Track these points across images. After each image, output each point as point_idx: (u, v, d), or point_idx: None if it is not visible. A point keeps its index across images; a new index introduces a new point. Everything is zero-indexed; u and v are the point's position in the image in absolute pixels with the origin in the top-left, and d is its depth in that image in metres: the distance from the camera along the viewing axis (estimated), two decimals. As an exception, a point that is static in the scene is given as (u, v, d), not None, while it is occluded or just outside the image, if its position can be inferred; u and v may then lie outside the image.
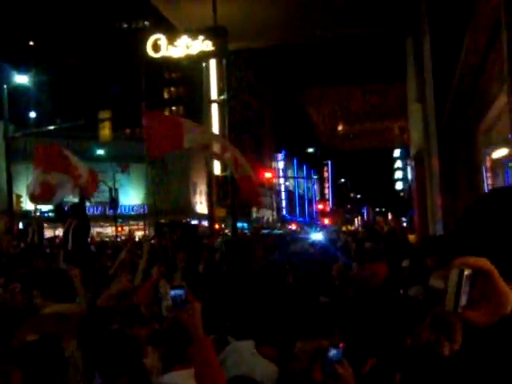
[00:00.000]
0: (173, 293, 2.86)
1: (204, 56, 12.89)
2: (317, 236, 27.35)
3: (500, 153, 6.83)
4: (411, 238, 15.28)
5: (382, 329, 4.53)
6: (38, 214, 40.60)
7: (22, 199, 41.36)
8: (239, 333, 4.62)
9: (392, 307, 4.99)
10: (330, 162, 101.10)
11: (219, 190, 49.49)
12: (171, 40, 11.67)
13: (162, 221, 43.37)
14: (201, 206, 59.68)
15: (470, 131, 8.50)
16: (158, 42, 11.81)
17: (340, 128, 24.42)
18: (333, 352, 2.77)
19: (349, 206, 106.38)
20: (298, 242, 16.15)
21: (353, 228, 60.71)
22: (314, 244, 15.12)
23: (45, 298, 4.75)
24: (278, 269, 7.25)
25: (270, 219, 71.45)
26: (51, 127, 36.01)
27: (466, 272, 1.31)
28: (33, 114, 50.69)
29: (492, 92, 6.74)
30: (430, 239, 7.56)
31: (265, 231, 37.36)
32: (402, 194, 66.64)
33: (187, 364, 3.30)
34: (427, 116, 10.99)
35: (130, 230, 45.08)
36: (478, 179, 8.50)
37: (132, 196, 56.06)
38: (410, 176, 50.24)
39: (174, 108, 74.51)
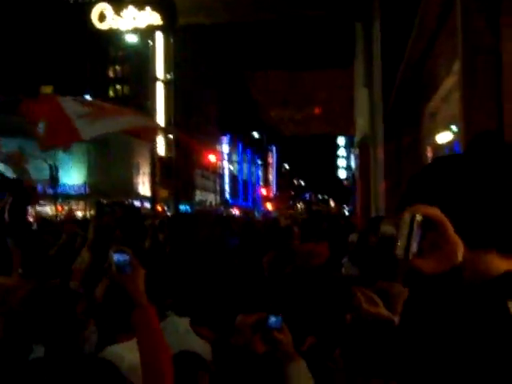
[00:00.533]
0: (116, 258, 2.75)
1: (152, 29, 12.62)
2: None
3: (444, 138, 6.87)
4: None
5: (321, 307, 4.52)
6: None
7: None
8: (179, 310, 4.52)
9: (332, 286, 4.99)
10: (274, 148, 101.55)
11: (163, 171, 49.09)
12: (117, 10, 11.37)
13: (104, 201, 42.68)
14: (143, 187, 59.08)
15: (416, 116, 8.54)
16: (104, 12, 11.49)
17: (285, 112, 24.38)
18: (272, 320, 2.74)
19: (292, 193, 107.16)
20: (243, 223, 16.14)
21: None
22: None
23: None
24: (221, 249, 7.16)
25: (213, 203, 71.30)
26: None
27: (418, 218, 1.31)
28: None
29: (439, 75, 6.75)
30: (376, 218, 7.58)
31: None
32: (345, 182, 67.45)
33: (131, 335, 3.20)
34: (374, 101, 11.00)
35: (70, 209, 44.19)
36: (421, 165, 8.57)
37: (73, 175, 55.04)
38: (353, 164, 50.88)
39: (118, 87, 73.36)
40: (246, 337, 3.29)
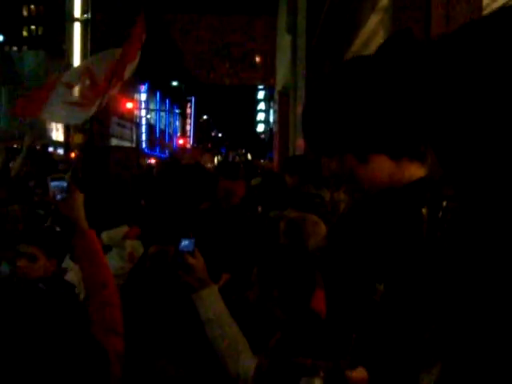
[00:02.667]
0: (52, 184, 2.77)
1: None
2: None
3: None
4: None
5: (236, 244, 4.51)
6: None
7: None
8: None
9: (247, 224, 4.99)
10: (193, 99, 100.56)
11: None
12: None
13: (15, 146, 41.33)
14: (57, 132, 57.41)
15: (339, 58, 8.51)
16: None
17: (206, 60, 24.07)
18: (184, 243, 2.68)
19: (209, 145, 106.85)
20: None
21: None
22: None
23: None
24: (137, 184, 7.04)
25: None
26: None
27: None
28: None
29: (362, 16, 6.70)
30: (292, 158, 7.58)
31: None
32: (262, 136, 67.90)
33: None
34: (297, 47, 10.91)
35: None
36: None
37: (-19, 117, 52.87)
38: (272, 119, 51.11)
39: (33, 27, 70.46)
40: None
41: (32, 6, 71.59)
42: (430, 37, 3.54)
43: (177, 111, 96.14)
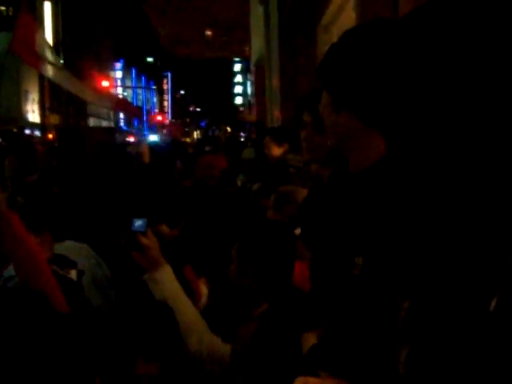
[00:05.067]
0: None
1: None
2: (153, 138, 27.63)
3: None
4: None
5: (218, 219, 4.51)
6: None
7: None
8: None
9: (228, 199, 5.00)
10: (169, 74, 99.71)
11: (52, 97, 47.17)
12: None
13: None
14: (33, 114, 56.75)
15: (312, 30, 8.45)
16: None
17: (181, 34, 23.80)
18: (137, 223, 2.63)
19: (188, 120, 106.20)
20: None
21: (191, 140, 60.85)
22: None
23: None
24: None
25: (107, 130, 69.49)
26: None
27: None
28: None
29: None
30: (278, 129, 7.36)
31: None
32: (241, 108, 67.52)
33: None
34: (269, 18, 10.82)
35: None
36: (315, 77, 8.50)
37: (-44, 102, 52.06)
38: (249, 91, 50.85)
39: (3, 8, 69.11)
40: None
41: (0, -13, 70.26)
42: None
43: (153, 87, 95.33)
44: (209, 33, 23.72)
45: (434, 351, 1.15)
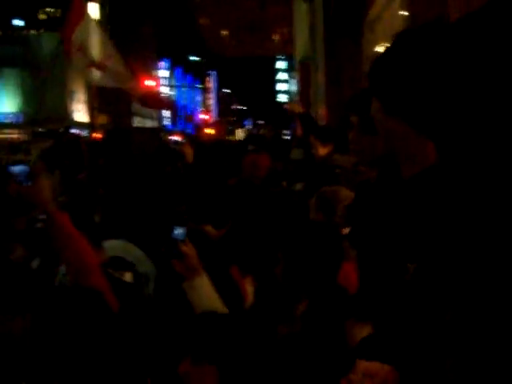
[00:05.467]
0: (15, 170, 2.69)
1: None
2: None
3: (384, 48, 6.76)
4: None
5: (262, 220, 4.51)
6: None
7: None
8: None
9: (273, 200, 4.99)
10: (214, 72, 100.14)
11: (100, 97, 47.81)
12: None
13: (40, 130, 41.65)
14: (79, 114, 57.62)
15: (357, 27, 8.39)
16: None
17: (226, 33, 23.90)
18: (177, 231, 2.68)
19: (232, 118, 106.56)
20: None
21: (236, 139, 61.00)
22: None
23: None
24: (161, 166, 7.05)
25: (153, 129, 70.21)
26: None
27: None
28: None
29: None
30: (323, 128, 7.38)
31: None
32: (284, 106, 67.45)
33: None
34: (314, 16, 10.78)
35: None
36: (361, 75, 8.44)
37: (5, 103, 53.17)
38: (293, 88, 50.76)
39: (50, 10, 70.41)
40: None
41: (47, -12, 71.51)
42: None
43: (198, 86, 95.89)
44: (252, 31, 23.75)
45: (479, 363, 1.14)
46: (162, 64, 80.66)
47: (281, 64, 74.33)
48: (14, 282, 2.49)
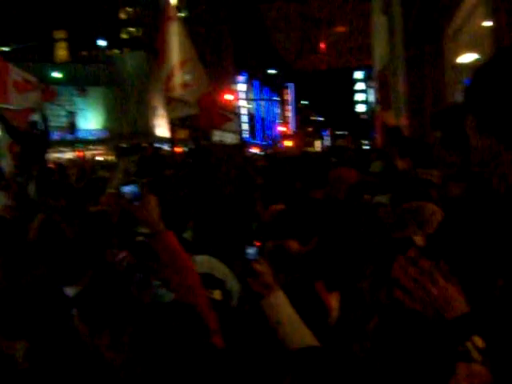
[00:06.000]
0: (125, 189, 2.82)
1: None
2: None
3: (467, 58, 6.66)
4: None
5: (348, 235, 4.49)
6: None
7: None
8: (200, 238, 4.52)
9: (359, 214, 4.95)
10: (291, 84, 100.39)
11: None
12: None
13: (123, 145, 42.76)
14: (160, 129, 58.89)
15: (438, 38, 8.30)
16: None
17: (302, 46, 23.97)
18: (250, 251, 2.73)
19: (310, 129, 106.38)
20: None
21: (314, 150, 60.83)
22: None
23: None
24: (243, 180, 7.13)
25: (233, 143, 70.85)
26: (4, 49, 34.71)
27: None
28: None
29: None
30: (403, 140, 7.34)
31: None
32: (363, 116, 66.78)
33: None
34: (393, 29, 10.71)
35: (83, 156, 44.20)
36: (443, 85, 8.34)
37: (91, 120, 54.98)
38: (371, 98, 50.27)
39: (132, 29, 72.41)
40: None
41: (129, 9, 73.58)
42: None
43: (276, 99, 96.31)
44: (329, 44, 23.73)
45: None
46: (240, 78, 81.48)
47: (358, 74, 73.82)
48: (118, 294, 2.64)
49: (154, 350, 2.18)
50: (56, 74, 48.23)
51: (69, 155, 46.70)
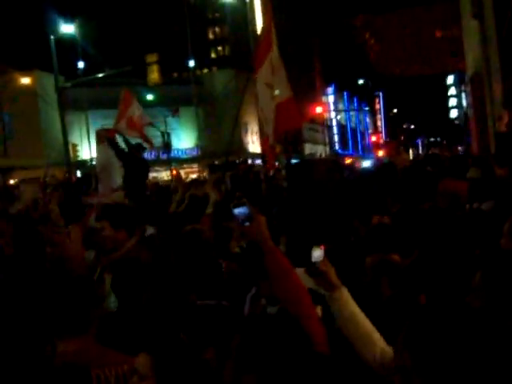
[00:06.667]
0: (236, 211, 2.91)
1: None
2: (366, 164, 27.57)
3: None
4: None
5: (452, 246, 4.42)
6: (94, 162, 41.28)
7: (78, 148, 42.03)
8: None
9: (463, 223, 4.86)
10: (381, 93, 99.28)
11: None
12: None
13: (216, 162, 43.52)
14: (253, 145, 59.57)
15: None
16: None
17: (391, 54, 23.75)
18: (316, 254, 2.88)
19: (402, 138, 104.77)
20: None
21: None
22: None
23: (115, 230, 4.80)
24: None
25: (323, 155, 70.84)
26: (100, 75, 36.04)
27: None
28: (81, 64, 50.66)
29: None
30: (504, 149, 7.16)
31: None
32: (456, 121, 65.23)
33: None
34: (485, 33, 10.46)
35: (177, 173, 45.27)
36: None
37: (184, 139, 56.26)
38: (464, 102, 49.04)
39: (219, 48, 73.89)
40: (369, 278, 3.36)
41: (217, 29, 75.07)
42: None
43: (366, 108, 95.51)
44: (420, 50, 23.39)
45: None
46: (329, 89, 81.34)
47: (450, 79, 72.33)
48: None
49: (261, 359, 2.28)
50: (149, 97, 49.75)
51: (163, 174, 48.00)
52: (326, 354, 2.63)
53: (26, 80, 37.30)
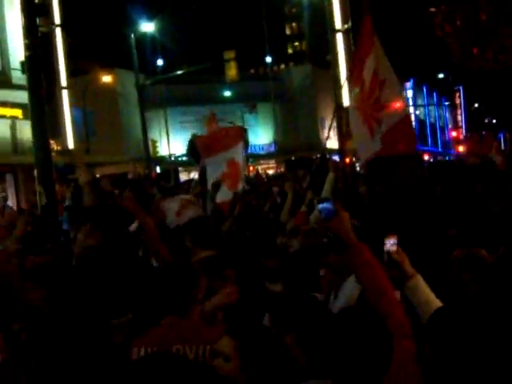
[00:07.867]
0: (320, 207, 2.98)
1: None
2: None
3: None
4: None
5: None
6: (173, 158, 42.04)
7: (157, 144, 42.86)
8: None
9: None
10: (461, 87, 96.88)
11: (348, 121, 48.70)
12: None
13: (292, 158, 43.55)
14: (330, 141, 59.22)
15: None
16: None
17: (472, 47, 23.17)
18: (389, 242, 2.97)
19: (484, 133, 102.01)
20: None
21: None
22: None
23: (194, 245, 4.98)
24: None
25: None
26: (179, 72, 36.62)
27: None
28: (160, 62, 51.63)
29: None
30: None
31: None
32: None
33: None
34: None
35: (257, 170, 45.50)
36: None
37: (260, 135, 56.53)
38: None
39: (296, 43, 73.83)
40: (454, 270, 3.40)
41: (294, 24, 75.02)
42: None
43: (445, 103, 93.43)
44: (501, 42, 22.72)
45: None
46: (407, 84, 79.94)
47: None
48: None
49: (337, 347, 2.35)
50: (227, 93, 50.22)
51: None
52: (410, 348, 2.64)
53: (107, 78, 38.20)
